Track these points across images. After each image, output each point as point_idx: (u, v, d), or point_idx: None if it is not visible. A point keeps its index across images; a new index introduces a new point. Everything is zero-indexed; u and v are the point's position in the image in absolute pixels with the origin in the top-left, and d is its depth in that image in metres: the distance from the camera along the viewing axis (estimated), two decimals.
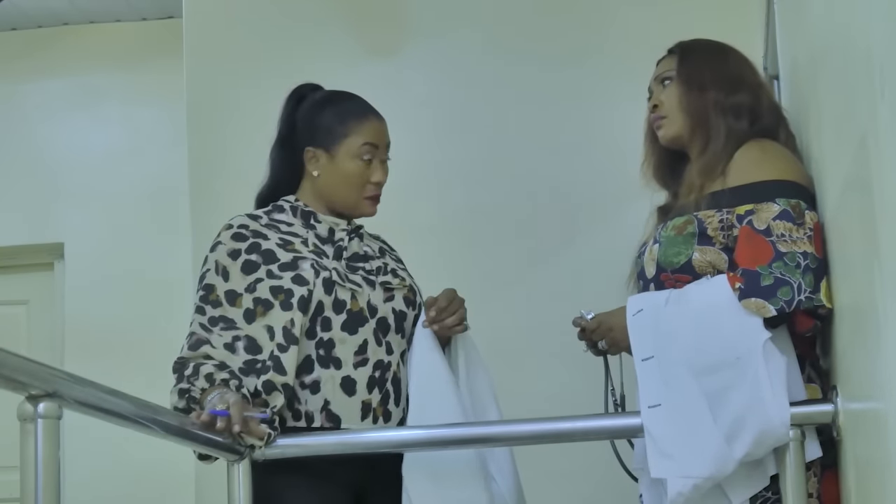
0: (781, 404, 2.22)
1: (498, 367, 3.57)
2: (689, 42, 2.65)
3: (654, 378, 2.31)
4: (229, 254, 2.57)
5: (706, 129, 2.52)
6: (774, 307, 2.25)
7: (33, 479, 1.72)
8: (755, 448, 2.23)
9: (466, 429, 2.52)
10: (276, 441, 2.43)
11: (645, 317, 2.37)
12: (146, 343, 5.27)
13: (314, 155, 2.64)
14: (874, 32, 1.44)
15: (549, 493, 3.63)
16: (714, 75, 2.55)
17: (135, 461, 5.14)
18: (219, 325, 2.51)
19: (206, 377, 2.43)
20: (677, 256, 2.43)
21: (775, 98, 2.67)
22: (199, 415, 2.35)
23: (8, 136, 5.72)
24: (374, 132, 2.65)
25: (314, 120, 2.66)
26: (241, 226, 2.61)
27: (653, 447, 2.28)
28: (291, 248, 2.57)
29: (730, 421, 2.24)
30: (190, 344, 2.50)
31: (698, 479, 2.23)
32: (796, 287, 2.24)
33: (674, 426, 2.27)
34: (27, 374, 1.71)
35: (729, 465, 2.23)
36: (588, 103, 3.89)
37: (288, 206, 2.67)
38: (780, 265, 2.27)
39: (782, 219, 2.31)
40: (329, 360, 2.51)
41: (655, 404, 2.29)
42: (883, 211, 1.47)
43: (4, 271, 5.79)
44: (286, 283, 2.52)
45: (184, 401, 2.43)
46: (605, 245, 3.72)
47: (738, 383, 2.24)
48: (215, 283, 2.55)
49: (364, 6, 4.07)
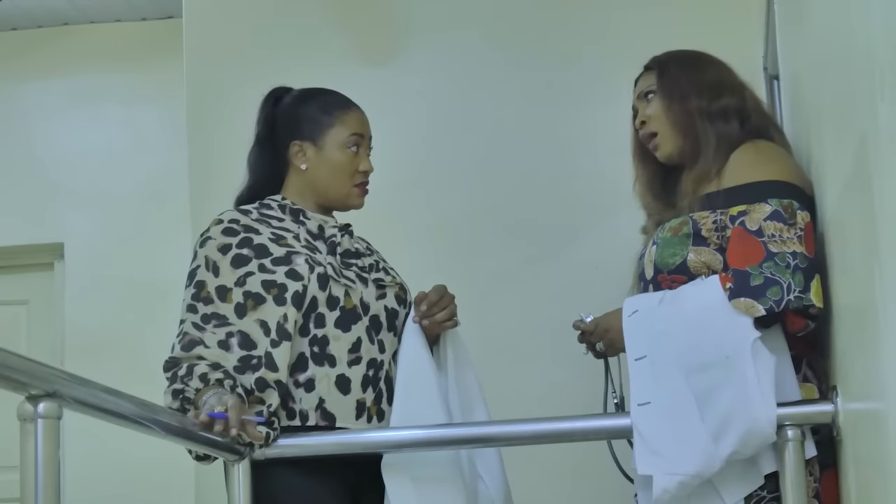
0: (768, 404, 2.23)
1: (496, 366, 3.58)
2: (664, 56, 2.67)
3: (645, 377, 2.33)
4: (219, 249, 2.55)
5: (695, 138, 2.53)
6: (763, 307, 2.26)
7: (33, 479, 1.72)
8: (741, 447, 2.25)
9: (465, 429, 2.52)
10: (276, 441, 2.44)
11: (640, 318, 2.39)
12: (146, 343, 5.27)
13: (301, 148, 2.65)
14: (874, 33, 1.44)
15: (546, 493, 3.64)
16: (693, 83, 2.57)
17: (135, 461, 5.14)
18: (211, 322, 2.49)
19: (201, 377, 2.41)
20: (673, 257, 2.45)
21: (759, 97, 2.68)
22: (196, 415, 2.35)
23: (8, 136, 5.72)
24: (359, 122, 2.68)
25: (298, 113, 2.67)
26: (231, 220, 2.60)
27: (641, 444, 2.30)
28: (284, 243, 2.56)
29: (717, 419, 2.25)
30: (182, 344, 2.48)
31: (684, 476, 2.25)
32: (786, 287, 2.26)
33: (662, 424, 2.29)
34: (27, 374, 1.71)
35: (715, 464, 2.25)
36: (588, 103, 3.88)
37: (276, 204, 2.66)
38: (771, 265, 2.28)
39: (773, 219, 2.33)
40: (323, 358, 2.51)
41: (645, 402, 2.31)
42: (883, 211, 1.47)
43: (4, 271, 5.79)
44: (280, 278, 2.50)
45: (178, 401, 2.42)
46: (604, 245, 3.72)
47: (726, 382, 2.26)
48: (206, 280, 2.53)
49: (364, 5, 4.07)
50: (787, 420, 2.26)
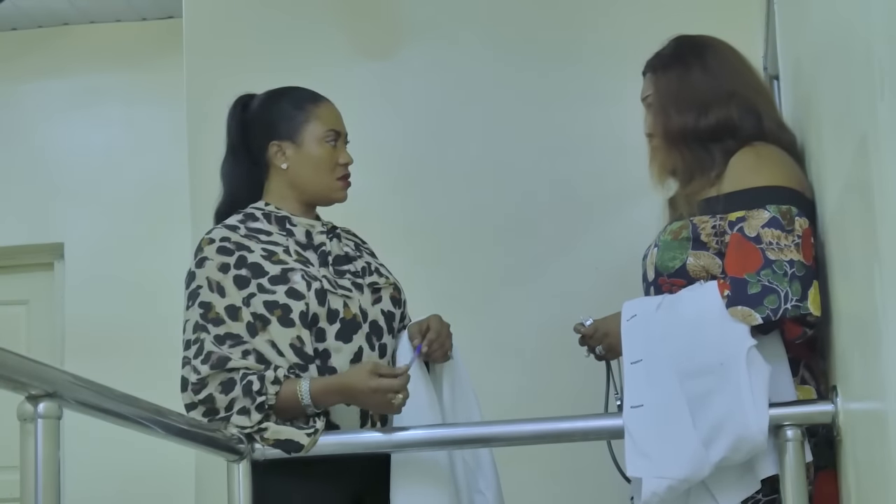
0: (760, 412, 2.23)
1: (496, 366, 3.59)
2: (654, 60, 2.65)
3: (639, 380, 2.33)
4: (219, 268, 2.52)
5: (687, 162, 2.52)
6: (760, 315, 2.27)
7: (33, 479, 1.72)
8: (732, 453, 2.25)
9: (465, 429, 2.53)
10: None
11: (638, 322, 2.40)
12: (146, 343, 5.27)
13: (279, 147, 2.64)
14: (874, 32, 1.44)
15: (543, 494, 3.64)
16: (680, 101, 2.54)
17: (135, 461, 5.14)
18: (226, 342, 2.46)
19: (273, 381, 2.41)
20: (672, 261, 2.46)
21: (748, 95, 2.57)
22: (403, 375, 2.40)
23: (8, 136, 5.72)
24: (333, 116, 2.68)
25: (271, 114, 2.67)
26: (223, 238, 2.56)
27: (631, 447, 2.30)
28: (277, 260, 2.54)
29: (709, 425, 2.25)
30: (212, 363, 2.44)
31: (673, 480, 2.25)
32: (783, 295, 2.26)
33: (653, 427, 2.29)
34: (27, 374, 1.71)
35: (705, 469, 2.25)
36: (588, 103, 3.88)
37: (260, 213, 2.63)
38: (769, 273, 2.28)
39: (771, 226, 2.33)
40: (326, 371, 2.50)
41: (638, 405, 2.31)
42: (883, 212, 1.47)
43: (4, 271, 5.79)
44: (281, 298, 2.49)
45: (261, 413, 2.41)
46: (604, 246, 3.72)
47: (719, 388, 2.26)
48: (212, 301, 2.49)
49: (364, 5, 4.07)
50: (788, 420, 2.26)
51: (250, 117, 2.70)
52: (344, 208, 2.72)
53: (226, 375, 2.43)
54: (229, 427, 2.41)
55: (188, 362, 2.47)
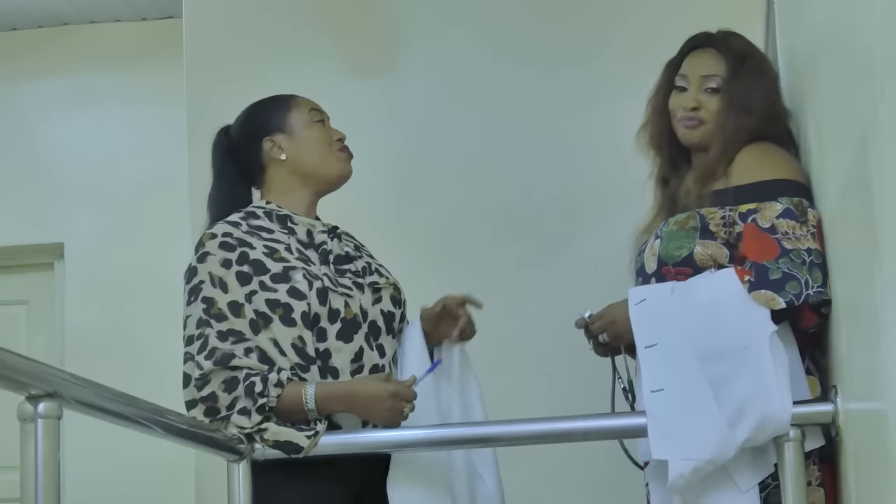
0: (784, 393, 2.25)
1: (495, 366, 3.58)
2: (737, 46, 2.63)
3: (657, 364, 2.34)
4: (221, 264, 2.51)
5: (727, 148, 2.53)
6: (784, 300, 2.28)
7: (33, 479, 1.72)
8: (756, 434, 2.26)
9: (465, 429, 2.53)
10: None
11: (648, 306, 2.40)
12: (146, 343, 5.27)
13: (273, 142, 2.67)
14: (874, 32, 1.44)
15: (544, 494, 3.63)
16: (759, 106, 2.56)
17: (135, 461, 5.13)
18: (229, 338, 2.45)
19: (276, 384, 2.40)
20: (679, 250, 2.47)
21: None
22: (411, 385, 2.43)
23: (8, 136, 5.71)
24: (310, 102, 2.74)
25: (255, 119, 2.72)
26: (225, 234, 2.55)
27: (655, 429, 2.30)
28: (279, 257, 2.53)
29: (733, 406, 2.26)
30: (216, 359, 2.42)
31: (699, 461, 2.26)
32: (804, 282, 2.29)
33: (677, 409, 2.30)
34: (27, 374, 1.71)
35: (730, 450, 2.25)
36: (588, 103, 3.88)
37: (261, 211, 2.63)
38: (787, 261, 2.31)
39: (786, 217, 2.35)
40: (327, 371, 2.50)
41: (658, 388, 2.31)
42: (883, 210, 1.47)
43: (4, 271, 5.79)
44: (282, 297, 2.48)
45: (261, 415, 2.41)
46: (604, 246, 3.72)
47: (743, 370, 2.27)
48: (214, 297, 2.48)
49: (364, 5, 4.07)
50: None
51: (235, 134, 2.74)
52: (344, 208, 2.72)
53: (229, 374, 2.42)
54: (229, 427, 2.41)
55: (190, 358, 2.46)
